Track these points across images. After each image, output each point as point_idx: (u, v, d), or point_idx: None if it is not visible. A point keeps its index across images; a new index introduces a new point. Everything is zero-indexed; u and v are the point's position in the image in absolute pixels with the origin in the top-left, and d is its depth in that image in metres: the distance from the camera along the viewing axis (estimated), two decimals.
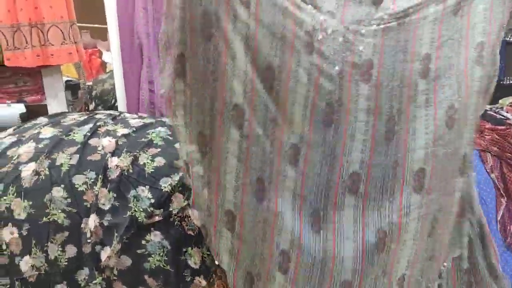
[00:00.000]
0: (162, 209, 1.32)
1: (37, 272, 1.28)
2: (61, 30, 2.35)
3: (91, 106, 3.41)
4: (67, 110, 2.67)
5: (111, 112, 1.77)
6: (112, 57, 2.56)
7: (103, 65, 4.61)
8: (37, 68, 2.44)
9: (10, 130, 1.55)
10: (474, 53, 1.23)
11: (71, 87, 3.18)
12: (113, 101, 3.15)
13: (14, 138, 1.45)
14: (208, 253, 1.35)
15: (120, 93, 2.57)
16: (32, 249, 1.28)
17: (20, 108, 2.94)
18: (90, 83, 3.62)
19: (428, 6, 1.14)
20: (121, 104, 2.58)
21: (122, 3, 2.41)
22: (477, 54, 1.23)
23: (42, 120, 1.61)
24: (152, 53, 2.45)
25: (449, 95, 1.21)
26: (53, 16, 2.32)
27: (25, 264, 1.28)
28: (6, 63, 2.30)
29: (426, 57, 1.17)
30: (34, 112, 2.72)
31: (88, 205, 1.31)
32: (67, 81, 3.11)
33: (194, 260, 1.35)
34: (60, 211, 1.29)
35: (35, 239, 1.28)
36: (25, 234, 1.27)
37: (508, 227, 1.70)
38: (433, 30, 1.16)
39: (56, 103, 2.59)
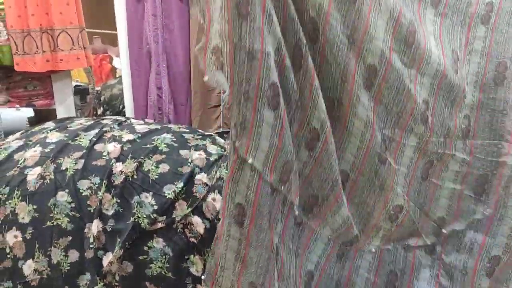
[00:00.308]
0: (165, 216, 1.32)
1: (39, 276, 1.28)
2: (70, 36, 2.37)
3: (100, 111, 3.44)
4: (75, 115, 2.69)
5: (118, 117, 1.78)
6: (121, 62, 2.58)
7: (113, 70, 4.65)
8: (47, 73, 2.47)
9: (18, 134, 1.57)
10: (483, 11, 1.18)
11: (80, 92, 3.20)
12: (121, 107, 3.17)
13: (21, 142, 1.46)
14: None
15: (128, 98, 2.58)
16: (35, 253, 1.28)
17: (29, 112, 2.97)
18: (99, 88, 3.64)
19: None
20: (129, 109, 2.60)
21: (132, 9, 2.43)
22: (485, 12, 1.18)
23: (50, 124, 1.62)
24: (161, 59, 2.47)
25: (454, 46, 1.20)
26: (63, 22, 2.35)
27: (28, 268, 1.28)
28: (15, 67, 2.33)
29: None
30: (42, 116, 2.75)
31: (92, 210, 1.31)
32: (76, 85, 3.14)
33: (196, 267, 1.34)
34: (64, 215, 1.29)
35: (39, 243, 1.28)
36: (28, 237, 1.28)
37: None
38: None
39: (64, 107, 2.61)
